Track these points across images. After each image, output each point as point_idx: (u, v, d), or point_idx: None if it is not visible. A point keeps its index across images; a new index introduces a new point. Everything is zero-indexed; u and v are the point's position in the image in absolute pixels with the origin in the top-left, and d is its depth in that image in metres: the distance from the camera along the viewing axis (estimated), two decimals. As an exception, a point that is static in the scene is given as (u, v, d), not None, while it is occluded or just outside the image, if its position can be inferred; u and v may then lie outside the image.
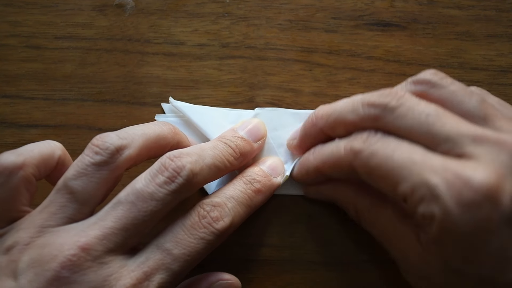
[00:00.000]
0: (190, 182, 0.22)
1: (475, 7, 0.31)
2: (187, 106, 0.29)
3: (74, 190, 0.21)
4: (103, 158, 0.22)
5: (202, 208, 0.23)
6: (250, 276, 0.28)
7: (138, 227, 0.21)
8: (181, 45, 0.31)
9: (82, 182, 0.21)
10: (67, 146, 0.29)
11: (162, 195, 0.21)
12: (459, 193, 0.18)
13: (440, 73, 0.23)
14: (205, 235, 0.22)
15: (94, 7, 0.31)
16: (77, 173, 0.22)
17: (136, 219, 0.21)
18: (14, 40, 0.30)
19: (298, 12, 0.31)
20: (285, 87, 0.30)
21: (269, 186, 0.26)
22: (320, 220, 0.28)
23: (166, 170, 0.22)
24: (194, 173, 0.22)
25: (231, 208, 0.23)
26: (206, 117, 0.29)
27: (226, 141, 0.25)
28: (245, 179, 0.25)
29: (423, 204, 0.19)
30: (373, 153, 0.21)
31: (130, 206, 0.21)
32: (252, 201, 0.25)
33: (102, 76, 0.30)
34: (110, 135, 0.22)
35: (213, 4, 0.31)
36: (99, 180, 0.22)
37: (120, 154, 0.22)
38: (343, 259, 0.28)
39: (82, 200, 0.22)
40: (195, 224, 0.22)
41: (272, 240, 0.28)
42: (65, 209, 0.21)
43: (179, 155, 0.22)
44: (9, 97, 0.30)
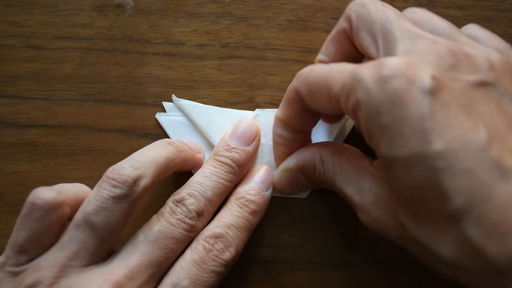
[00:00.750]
0: (197, 221, 0.24)
1: (475, 7, 0.31)
2: (190, 104, 0.29)
3: (96, 225, 0.21)
4: (122, 191, 0.22)
5: (206, 242, 0.24)
6: (250, 276, 0.28)
7: (161, 265, 0.23)
8: (181, 45, 0.31)
9: (104, 217, 0.21)
10: (67, 146, 0.29)
11: (179, 234, 0.23)
12: (378, 72, 0.18)
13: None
14: (216, 268, 0.23)
15: (94, 7, 0.31)
16: (98, 207, 0.22)
17: (159, 256, 0.22)
18: (14, 40, 0.30)
19: (298, 12, 0.31)
20: (285, 87, 0.30)
21: (263, 203, 0.26)
22: (320, 220, 0.28)
23: (175, 214, 0.24)
24: (199, 213, 0.24)
25: (233, 237, 0.24)
26: (207, 117, 0.29)
27: (221, 159, 0.26)
28: (239, 203, 0.26)
29: (351, 96, 0.19)
30: (311, 70, 0.23)
31: (152, 244, 0.22)
32: (250, 223, 0.26)
33: (102, 76, 0.30)
34: (125, 167, 0.22)
35: (213, 4, 0.31)
36: (120, 213, 0.22)
37: (137, 186, 0.22)
38: (343, 259, 0.28)
39: (105, 235, 0.22)
40: (204, 259, 0.23)
41: (272, 240, 0.28)
42: (87, 245, 0.21)
43: (181, 199, 0.24)
44: (9, 97, 0.30)
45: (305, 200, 0.28)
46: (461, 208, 0.17)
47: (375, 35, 0.22)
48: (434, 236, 0.18)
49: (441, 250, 0.18)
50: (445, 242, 0.18)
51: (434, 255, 0.19)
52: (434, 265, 0.20)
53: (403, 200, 0.19)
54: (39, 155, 0.29)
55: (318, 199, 0.29)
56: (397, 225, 0.20)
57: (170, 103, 0.30)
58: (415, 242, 0.19)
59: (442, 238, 0.18)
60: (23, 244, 0.22)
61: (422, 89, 0.18)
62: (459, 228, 0.17)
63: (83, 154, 0.29)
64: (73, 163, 0.29)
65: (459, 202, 0.17)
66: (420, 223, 0.19)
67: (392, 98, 0.18)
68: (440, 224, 0.18)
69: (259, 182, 0.27)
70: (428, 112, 0.18)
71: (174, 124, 0.29)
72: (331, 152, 0.24)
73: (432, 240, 0.18)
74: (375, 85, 0.18)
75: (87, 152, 0.29)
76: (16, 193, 0.29)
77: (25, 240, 0.22)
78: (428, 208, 0.18)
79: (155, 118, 0.30)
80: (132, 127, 0.30)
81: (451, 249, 0.18)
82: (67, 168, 0.29)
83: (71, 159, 0.29)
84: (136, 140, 0.29)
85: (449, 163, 0.17)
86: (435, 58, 0.19)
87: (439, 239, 0.18)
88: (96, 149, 0.29)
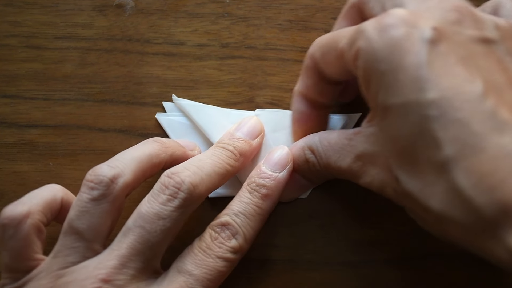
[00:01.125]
0: (192, 194, 0.22)
1: (475, 7, 0.31)
2: (190, 104, 0.29)
3: (80, 229, 0.22)
4: (100, 192, 0.22)
5: (213, 230, 0.24)
6: (250, 276, 0.28)
7: (154, 249, 0.22)
8: (181, 45, 0.31)
9: (86, 220, 0.22)
10: (67, 146, 0.29)
11: (168, 213, 0.22)
12: (380, 21, 0.19)
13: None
14: (222, 254, 0.23)
15: (94, 7, 0.31)
16: (79, 212, 0.22)
17: (149, 241, 0.22)
18: (14, 40, 0.30)
19: (298, 12, 0.31)
20: (285, 87, 0.30)
21: (276, 186, 0.25)
22: (320, 220, 0.28)
23: (167, 188, 0.22)
24: (195, 185, 0.22)
25: (241, 224, 0.24)
26: (207, 117, 0.29)
27: (223, 145, 0.26)
28: (249, 188, 0.25)
29: (353, 47, 0.20)
30: (324, 35, 0.24)
31: (140, 230, 0.22)
32: (261, 209, 0.25)
33: (102, 76, 0.30)
34: (102, 167, 0.23)
35: (213, 4, 0.31)
36: (101, 214, 0.22)
37: (115, 184, 0.22)
38: (343, 259, 0.28)
39: (90, 238, 0.22)
40: (210, 245, 0.23)
41: (272, 240, 0.28)
42: (76, 249, 0.22)
43: (176, 171, 0.23)
44: (9, 97, 0.30)
45: (305, 200, 0.28)
46: (451, 157, 0.17)
47: (383, 3, 0.21)
48: (425, 187, 0.18)
49: (431, 202, 0.18)
50: (435, 193, 0.18)
51: (424, 208, 0.18)
52: (425, 220, 0.20)
53: (397, 151, 0.19)
54: (39, 155, 0.29)
55: (318, 199, 0.29)
56: (392, 179, 0.20)
57: (170, 103, 0.30)
58: (408, 197, 0.19)
59: (432, 189, 0.18)
60: (11, 264, 0.22)
61: (421, 38, 0.18)
62: (448, 178, 0.17)
63: (83, 154, 0.29)
64: (73, 163, 0.29)
65: (450, 151, 0.17)
66: (412, 175, 0.19)
67: (391, 46, 0.18)
68: (430, 174, 0.18)
69: (272, 164, 0.26)
70: (425, 61, 0.17)
71: (174, 124, 0.29)
72: (318, 139, 0.24)
73: (422, 192, 0.18)
74: (375, 33, 0.19)
75: (87, 152, 0.29)
76: (16, 193, 0.29)
77: (11, 259, 0.22)
78: (420, 158, 0.18)
79: (155, 118, 0.30)
80: (132, 127, 0.30)
81: (440, 200, 0.18)
82: (67, 168, 0.29)
83: (71, 159, 0.29)
84: (136, 140, 0.29)
85: (442, 112, 0.17)
86: (440, 12, 0.19)
87: (429, 190, 0.18)
88: (96, 149, 0.29)
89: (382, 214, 0.28)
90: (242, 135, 0.27)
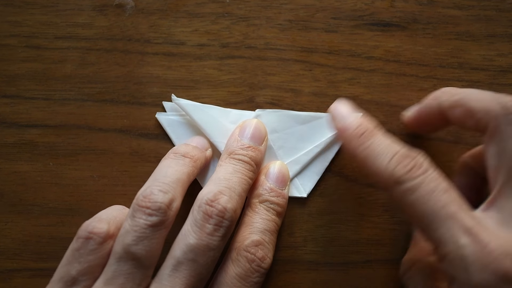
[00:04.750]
0: (233, 220, 0.23)
1: (475, 7, 0.31)
2: (189, 104, 0.29)
3: (139, 255, 0.21)
4: (159, 219, 0.22)
5: (248, 252, 0.24)
6: (250, 276, 0.28)
7: (204, 281, 0.22)
8: (181, 45, 0.31)
9: (145, 246, 0.22)
10: (67, 146, 0.29)
11: (216, 243, 0.22)
12: (484, 264, 0.18)
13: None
14: (258, 279, 0.23)
15: (94, 7, 0.31)
16: (137, 238, 0.22)
17: (202, 274, 0.22)
18: (14, 40, 0.30)
19: (298, 12, 0.31)
20: (285, 87, 0.30)
21: (285, 203, 0.27)
22: (320, 220, 0.28)
23: (211, 218, 0.22)
24: (234, 209, 0.23)
25: (269, 242, 0.25)
26: (207, 116, 0.29)
27: (240, 157, 0.25)
28: (265, 206, 0.26)
29: (448, 259, 0.19)
30: (411, 190, 0.20)
31: (192, 264, 0.22)
32: (278, 226, 0.26)
33: (102, 76, 0.30)
34: (154, 193, 0.22)
35: (213, 4, 0.31)
36: (159, 240, 0.22)
37: (171, 210, 0.22)
38: (343, 259, 0.28)
39: (148, 264, 0.22)
40: (248, 271, 0.23)
41: (272, 240, 0.28)
42: (133, 276, 0.21)
43: (215, 199, 0.23)
44: (9, 97, 0.30)
45: (305, 200, 0.28)
46: None
47: (504, 163, 0.21)
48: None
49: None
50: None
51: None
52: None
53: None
54: (39, 155, 0.29)
55: (318, 199, 0.29)
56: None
57: (170, 102, 0.30)
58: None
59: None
60: (77, 277, 0.22)
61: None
62: None
63: (83, 154, 0.29)
64: (73, 163, 0.29)
65: None
66: None
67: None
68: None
69: (276, 181, 0.27)
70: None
71: (174, 124, 0.29)
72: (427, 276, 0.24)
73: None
74: (478, 277, 0.18)
75: (87, 152, 0.29)
76: (16, 193, 0.29)
77: (79, 273, 0.22)
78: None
79: (155, 118, 0.30)
80: (132, 127, 0.30)
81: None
82: (67, 168, 0.29)
83: (71, 159, 0.29)
84: (136, 140, 0.29)
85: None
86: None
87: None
88: (96, 149, 0.29)
89: (382, 214, 0.28)
90: (251, 142, 0.26)
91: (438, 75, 0.30)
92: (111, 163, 0.29)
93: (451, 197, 0.20)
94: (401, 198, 0.20)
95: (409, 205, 0.20)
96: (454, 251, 0.18)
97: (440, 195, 0.19)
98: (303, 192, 0.28)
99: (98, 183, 0.29)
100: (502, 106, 0.21)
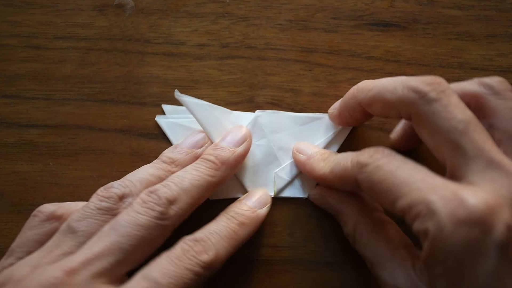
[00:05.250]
0: (167, 208, 0.23)
1: (475, 7, 0.31)
2: (192, 101, 0.28)
3: (76, 229, 0.23)
4: (108, 205, 0.23)
5: (185, 243, 0.23)
6: (250, 276, 0.28)
7: (125, 253, 0.22)
8: (181, 45, 0.31)
9: (86, 223, 0.23)
10: (67, 146, 0.29)
11: (143, 221, 0.23)
12: (454, 211, 0.18)
13: (507, 84, 0.23)
14: (191, 266, 0.22)
15: (94, 7, 0.31)
16: (82, 215, 0.23)
17: (121, 243, 0.22)
18: (14, 40, 0.30)
19: (298, 12, 0.31)
20: (285, 87, 0.30)
21: (254, 218, 0.26)
22: (320, 220, 0.28)
23: (144, 203, 0.23)
24: (171, 200, 0.23)
25: (214, 242, 0.24)
26: (209, 116, 0.28)
27: (205, 156, 0.26)
28: (228, 215, 0.26)
29: (419, 220, 0.19)
30: (377, 168, 0.21)
31: (114, 233, 0.22)
32: (236, 234, 0.25)
33: (102, 76, 0.30)
34: (114, 186, 0.24)
35: (213, 4, 0.31)
36: (102, 223, 0.23)
37: (123, 202, 0.24)
38: (343, 259, 0.28)
39: (83, 240, 0.22)
40: (180, 257, 0.22)
41: (272, 240, 0.28)
42: (64, 246, 0.22)
43: (155, 190, 0.24)
44: (9, 97, 0.30)
45: (305, 200, 0.28)
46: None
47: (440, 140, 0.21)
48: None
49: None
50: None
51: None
52: None
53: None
54: (39, 155, 0.29)
55: (318, 199, 0.29)
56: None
57: (170, 105, 0.30)
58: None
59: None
60: (14, 248, 0.24)
61: (494, 242, 0.18)
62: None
63: (83, 154, 0.29)
64: (73, 163, 0.29)
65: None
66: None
67: (465, 246, 0.18)
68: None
69: (253, 201, 0.27)
70: (495, 269, 0.18)
71: (174, 127, 0.29)
72: (370, 227, 0.24)
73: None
74: (450, 226, 0.18)
75: (87, 152, 0.29)
76: (16, 193, 0.29)
77: (16, 245, 0.24)
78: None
79: (155, 119, 0.30)
80: (132, 127, 0.30)
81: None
82: (67, 168, 0.29)
83: (71, 159, 0.29)
84: (136, 140, 0.29)
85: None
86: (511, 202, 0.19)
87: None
88: (96, 149, 0.29)
89: (382, 214, 0.28)
90: (226, 143, 0.27)
91: (438, 75, 0.30)
92: (111, 163, 0.29)
93: (415, 167, 0.21)
94: (369, 178, 0.22)
95: (377, 182, 0.21)
96: (424, 209, 0.19)
97: (405, 166, 0.21)
98: (303, 193, 0.28)
99: (98, 183, 0.29)
100: (414, 91, 0.22)
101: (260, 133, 0.29)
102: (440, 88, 0.22)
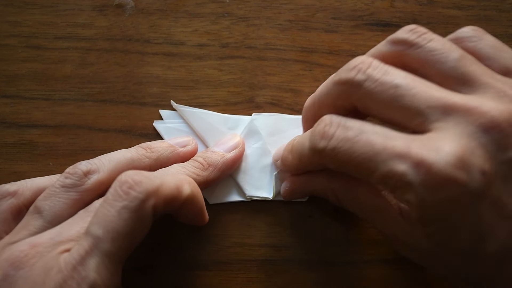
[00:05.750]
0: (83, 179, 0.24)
1: (475, 7, 0.31)
2: (188, 110, 0.29)
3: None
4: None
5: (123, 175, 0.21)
6: (250, 276, 0.28)
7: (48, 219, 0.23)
8: (181, 45, 0.31)
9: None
10: (67, 146, 0.29)
11: (70, 182, 0.23)
12: (426, 178, 0.18)
13: (420, 29, 0.22)
14: (127, 203, 0.20)
15: (94, 7, 0.31)
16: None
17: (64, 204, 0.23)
18: (14, 40, 0.30)
19: (298, 12, 0.31)
20: (285, 87, 0.30)
21: (219, 160, 0.26)
22: (320, 220, 0.28)
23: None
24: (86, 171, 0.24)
25: (158, 176, 0.22)
26: (205, 123, 0.29)
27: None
28: (192, 159, 0.27)
29: (397, 192, 0.19)
30: (334, 150, 0.20)
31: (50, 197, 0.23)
32: (194, 173, 0.25)
33: (102, 76, 0.30)
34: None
35: (213, 4, 0.31)
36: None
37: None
38: (343, 259, 0.28)
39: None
40: (115, 195, 0.20)
41: (272, 240, 0.28)
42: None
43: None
44: (9, 97, 0.30)
45: (305, 201, 0.28)
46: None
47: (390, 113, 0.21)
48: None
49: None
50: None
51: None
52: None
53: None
54: (39, 155, 0.29)
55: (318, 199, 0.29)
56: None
57: (167, 110, 0.30)
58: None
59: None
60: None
61: (474, 191, 0.18)
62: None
63: (83, 154, 0.29)
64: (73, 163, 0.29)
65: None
66: None
67: (448, 205, 0.18)
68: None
69: (222, 146, 0.28)
70: (481, 212, 0.18)
71: (172, 132, 0.29)
72: (345, 188, 0.24)
73: None
74: (428, 194, 0.18)
75: (87, 152, 0.29)
76: (16, 193, 0.29)
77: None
78: None
79: (153, 124, 0.30)
80: (132, 127, 0.30)
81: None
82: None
83: (71, 159, 0.29)
84: (136, 140, 0.29)
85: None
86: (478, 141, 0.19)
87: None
88: (96, 149, 0.29)
89: (382, 214, 0.28)
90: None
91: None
92: (111, 163, 0.29)
93: (373, 132, 0.20)
94: (332, 162, 0.21)
95: (341, 163, 0.20)
96: (399, 182, 0.19)
97: (361, 136, 0.20)
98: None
99: (98, 183, 0.29)
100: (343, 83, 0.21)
101: (257, 136, 0.29)
102: (364, 67, 0.21)
